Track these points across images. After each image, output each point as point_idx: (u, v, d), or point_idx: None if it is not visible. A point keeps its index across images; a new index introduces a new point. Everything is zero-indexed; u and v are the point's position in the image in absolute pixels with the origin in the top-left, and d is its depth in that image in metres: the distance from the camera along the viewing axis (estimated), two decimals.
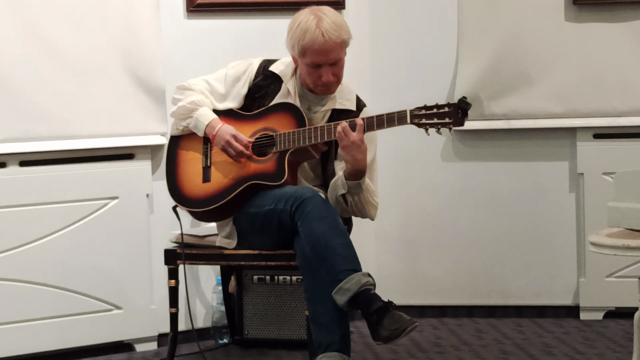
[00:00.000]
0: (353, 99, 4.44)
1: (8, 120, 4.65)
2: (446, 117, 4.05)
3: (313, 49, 4.19)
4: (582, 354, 4.65)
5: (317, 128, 4.19)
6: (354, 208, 4.28)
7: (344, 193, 4.22)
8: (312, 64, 4.23)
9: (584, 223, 5.22)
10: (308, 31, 4.18)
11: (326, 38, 4.17)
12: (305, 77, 4.33)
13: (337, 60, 4.26)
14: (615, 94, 5.17)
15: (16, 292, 4.67)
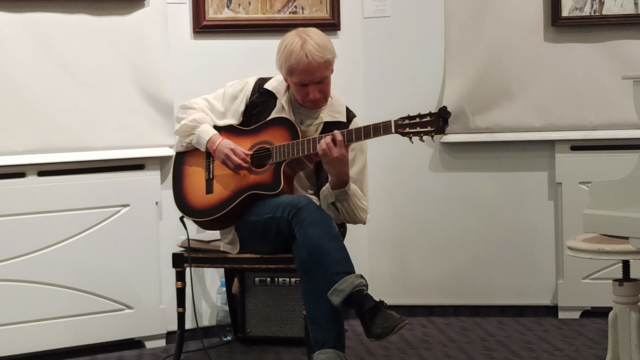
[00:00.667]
0: (343, 111, 4.46)
1: (27, 133, 4.65)
2: (428, 126, 4.06)
3: (298, 70, 4.22)
4: (560, 350, 4.65)
5: (309, 140, 4.20)
6: (344, 214, 4.30)
7: (333, 201, 4.25)
8: (299, 83, 4.26)
9: (562, 229, 5.21)
10: (293, 53, 4.20)
11: (310, 59, 4.19)
12: (295, 94, 4.35)
13: (322, 78, 4.27)
14: (591, 109, 5.16)
15: (34, 293, 4.66)
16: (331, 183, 4.23)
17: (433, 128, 4.06)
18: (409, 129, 4.09)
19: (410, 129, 4.09)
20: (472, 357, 4.60)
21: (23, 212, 4.64)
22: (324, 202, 4.31)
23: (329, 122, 4.41)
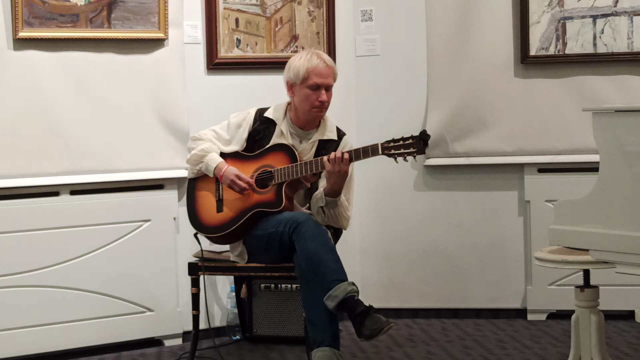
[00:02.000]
0: (334, 130, 4.48)
1: (61, 158, 4.66)
2: (411, 147, 4.06)
3: (316, 72, 4.29)
4: (529, 348, 4.65)
5: (306, 163, 4.21)
6: (329, 218, 4.31)
7: (322, 205, 4.25)
8: (314, 85, 4.30)
9: (530, 241, 5.20)
10: (312, 59, 4.31)
11: (327, 64, 4.33)
12: (302, 102, 4.35)
13: (329, 86, 4.35)
14: (556, 136, 5.17)
15: (67, 297, 4.66)
16: (326, 190, 4.22)
17: (415, 149, 4.07)
18: (394, 151, 4.09)
19: (395, 150, 4.09)
20: (451, 354, 4.58)
21: (57, 227, 4.64)
22: (314, 205, 4.32)
23: (323, 140, 4.44)
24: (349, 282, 4.00)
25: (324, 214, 4.30)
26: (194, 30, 5.01)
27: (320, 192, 4.29)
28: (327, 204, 4.25)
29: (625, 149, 2.95)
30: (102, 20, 4.71)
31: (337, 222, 4.34)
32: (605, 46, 5.10)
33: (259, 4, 5.12)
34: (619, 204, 2.94)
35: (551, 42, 5.15)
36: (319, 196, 4.28)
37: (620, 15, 5.07)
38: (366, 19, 5.39)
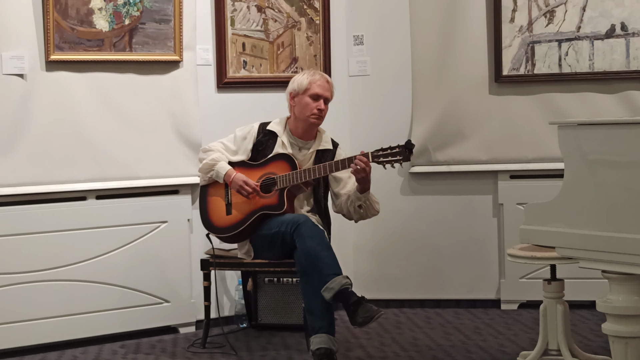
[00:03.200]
0: (329, 141, 4.53)
1: (88, 166, 4.66)
2: (397, 155, 4.10)
3: (317, 84, 4.37)
4: (503, 334, 4.65)
5: (305, 170, 4.26)
6: (366, 211, 4.38)
7: (360, 204, 4.32)
8: (314, 95, 4.36)
9: (504, 240, 5.19)
10: (315, 75, 4.41)
11: (327, 81, 4.42)
12: (302, 110, 4.40)
13: (327, 99, 4.42)
14: (526, 146, 5.16)
15: (93, 290, 4.66)
16: (359, 189, 4.28)
17: (401, 157, 4.10)
18: (382, 159, 4.12)
19: (384, 158, 4.12)
20: (434, 339, 4.58)
21: (84, 227, 4.64)
22: (351, 206, 4.37)
23: (320, 149, 4.47)
24: (344, 275, 4.02)
25: (361, 209, 4.36)
26: (206, 53, 5.02)
27: (350, 196, 4.35)
28: (363, 200, 4.31)
29: (587, 157, 2.96)
30: (124, 45, 4.71)
31: (372, 210, 4.41)
32: (569, 67, 5.11)
33: (263, 30, 5.13)
34: (581, 206, 2.95)
35: (521, 63, 5.16)
36: (352, 199, 4.34)
37: (583, 40, 5.08)
38: (358, 43, 5.40)
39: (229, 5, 5.02)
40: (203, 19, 4.99)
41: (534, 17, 5.13)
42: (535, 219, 3.11)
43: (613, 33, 5.05)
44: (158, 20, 4.77)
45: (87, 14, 4.61)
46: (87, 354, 4.48)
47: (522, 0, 5.13)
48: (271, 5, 5.14)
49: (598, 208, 2.90)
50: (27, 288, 4.50)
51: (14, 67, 4.48)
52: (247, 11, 5.08)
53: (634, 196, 2.80)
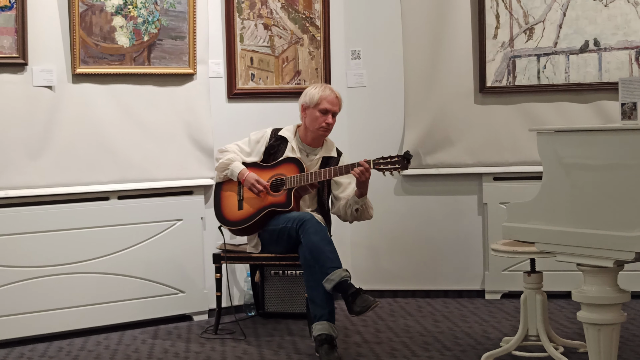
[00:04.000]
0: (334, 150, 4.54)
1: (111, 169, 4.67)
2: (397, 164, 4.10)
3: (327, 99, 4.37)
4: (487, 321, 4.65)
5: (311, 173, 4.26)
6: (361, 214, 4.40)
7: (357, 207, 4.34)
8: (324, 110, 4.36)
9: (488, 236, 5.19)
10: (325, 90, 4.40)
11: (336, 96, 4.41)
12: (312, 123, 4.41)
13: (335, 112, 4.42)
14: (508, 151, 5.16)
15: (115, 281, 4.67)
16: (357, 194, 4.30)
17: (399, 166, 4.12)
18: (382, 166, 4.14)
19: (384, 166, 4.14)
20: (424, 326, 4.59)
21: (107, 225, 4.65)
22: (349, 209, 4.39)
23: (326, 156, 4.48)
24: (343, 268, 4.03)
25: (357, 213, 4.38)
26: (217, 67, 5.02)
27: (349, 200, 4.37)
28: (360, 204, 4.33)
29: (563, 161, 2.97)
30: (143, 59, 4.72)
31: (366, 214, 4.43)
32: (547, 79, 5.12)
33: (269, 45, 5.14)
34: (558, 205, 2.96)
35: (504, 76, 5.17)
36: (351, 202, 4.36)
37: (559, 54, 5.09)
38: (355, 57, 5.41)
39: (238, 24, 5.04)
40: (215, 35, 4.99)
41: (514, 33, 5.15)
42: (517, 216, 3.11)
43: (587, 48, 5.06)
44: (174, 37, 4.79)
45: (110, 31, 4.62)
46: (109, 340, 4.48)
47: (504, 19, 5.14)
48: (276, 23, 5.15)
49: (573, 207, 2.91)
50: (55, 280, 4.50)
51: (44, 79, 4.49)
52: (255, 29, 5.09)
53: (605, 196, 2.81)
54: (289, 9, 5.18)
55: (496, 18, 5.15)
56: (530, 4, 5.11)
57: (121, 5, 4.63)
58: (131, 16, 4.66)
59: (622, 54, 5.01)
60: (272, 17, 5.13)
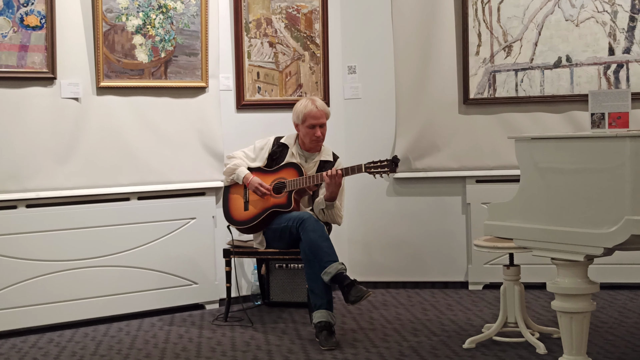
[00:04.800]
0: (331, 154, 4.52)
1: (131, 173, 4.67)
2: (386, 168, 4.11)
3: (311, 115, 4.33)
4: (470, 310, 4.65)
5: (309, 176, 4.27)
6: (328, 217, 4.35)
7: (323, 208, 4.29)
8: (310, 125, 4.33)
9: (471, 233, 5.19)
10: (308, 106, 4.34)
11: (319, 109, 4.34)
12: (304, 136, 4.39)
13: (322, 124, 4.37)
14: (489, 156, 5.16)
15: (135, 274, 4.67)
16: (325, 197, 4.27)
17: (388, 169, 4.11)
18: (373, 169, 4.14)
19: (374, 169, 4.13)
20: (414, 314, 4.59)
21: (128, 223, 4.65)
22: (316, 207, 4.34)
23: (323, 160, 4.47)
24: (340, 262, 4.03)
25: (324, 214, 4.34)
26: (227, 81, 5.02)
27: (321, 198, 4.33)
28: (326, 207, 4.30)
29: (539, 165, 2.97)
30: (160, 74, 4.73)
31: (333, 220, 4.38)
32: (524, 91, 5.12)
33: (273, 61, 5.14)
34: (534, 205, 2.96)
35: (485, 88, 5.18)
36: (320, 201, 4.31)
37: (535, 69, 5.10)
38: (351, 72, 5.41)
39: (246, 42, 5.04)
40: (225, 52, 5.00)
41: (495, 51, 5.15)
42: (497, 215, 3.12)
43: (560, 64, 5.07)
44: (188, 53, 4.79)
45: (130, 48, 4.63)
46: (130, 326, 4.48)
47: (485, 37, 5.15)
48: (280, 41, 5.15)
49: (547, 207, 2.91)
50: (81, 273, 4.50)
51: (71, 92, 4.50)
52: (261, 46, 5.10)
53: (576, 197, 2.82)
54: (291, 29, 5.18)
55: (478, 37, 5.16)
56: (509, 24, 5.12)
57: (141, 25, 4.64)
58: (150, 35, 4.67)
59: (592, 69, 5.02)
60: (277, 36, 5.14)
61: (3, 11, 4.29)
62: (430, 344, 3.96)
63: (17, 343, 4.20)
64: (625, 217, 2.66)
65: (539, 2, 5.06)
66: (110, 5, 4.53)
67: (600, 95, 3.95)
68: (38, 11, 4.37)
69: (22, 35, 4.34)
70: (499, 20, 5.13)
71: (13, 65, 4.33)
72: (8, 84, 4.34)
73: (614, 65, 4.98)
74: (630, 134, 2.69)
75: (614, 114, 4.07)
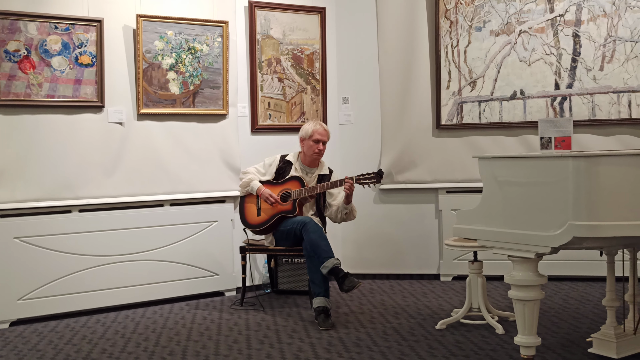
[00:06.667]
0: (327, 169, 4.52)
1: (164, 183, 4.67)
2: (372, 179, 4.10)
3: (317, 132, 4.35)
4: (442, 297, 4.64)
5: (311, 187, 4.26)
6: (348, 216, 4.36)
7: (346, 212, 4.32)
8: (316, 139, 4.34)
9: (442, 234, 5.19)
10: (315, 125, 4.37)
11: (324, 129, 4.37)
12: (307, 149, 4.39)
13: (325, 142, 4.39)
14: (457, 171, 5.15)
15: (167, 267, 4.66)
16: (345, 202, 4.27)
17: (374, 180, 4.11)
18: (362, 181, 4.13)
19: (363, 180, 4.13)
20: (395, 300, 4.58)
21: (162, 225, 4.65)
22: (339, 213, 4.36)
23: (321, 174, 4.46)
24: (335, 257, 4.02)
25: (345, 215, 4.35)
26: (244, 109, 5.02)
27: (340, 204, 4.33)
28: (349, 209, 4.31)
29: (498, 179, 2.97)
30: (189, 103, 4.73)
31: (352, 216, 4.39)
32: (486, 118, 5.12)
33: (281, 93, 5.15)
34: (494, 211, 2.96)
35: (454, 116, 5.18)
36: (341, 208, 4.33)
37: (495, 100, 5.10)
38: (345, 102, 5.42)
39: (259, 77, 5.05)
40: (242, 86, 5.00)
41: (462, 85, 5.16)
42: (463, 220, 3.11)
43: (515, 96, 5.07)
44: (212, 86, 4.80)
45: (165, 82, 4.64)
46: (163, 310, 4.47)
47: (454, 74, 5.16)
48: (287, 77, 5.16)
49: (505, 213, 2.91)
50: (123, 265, 4.51)
51: (116, 117, 4.50)
52: (272, 81, 5.11)
53: (528, 205, 2.82)
54: (296, 67, 5.19)
55: (449, 74, 5.17)
56: (474, 64, 5.13)
57: (173, 64, 4.65)
58: (181, 71, 4.68)
59: (541, 100, 5.03)
60: (284, 72, 5.15)
61: (62, 52, 4.30)
62: (409, 325, 3.95)
63: (70, 323, 4.19)
64: (568, 222, 2.66)
65: (498, 46, 5.08)
66: (149, 47, 4.55)
67: (548, 122, 3.95)
68: (90, 52, 4.38)
69: (77, 71, 4.35)
70: (465, 60, 5.14)
71: (69, 95, 4.34)
72: (65, 111, 4.35)
73: (559, 98, 4.99)
74: (572, 155, 2.70)
75: (559, 137, 4.07)
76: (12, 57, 4.17)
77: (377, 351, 3.48)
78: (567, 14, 4.93)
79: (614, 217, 2.60)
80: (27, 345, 3.76)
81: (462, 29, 5.12)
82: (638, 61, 4.83)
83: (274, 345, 3.62)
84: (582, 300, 4.41)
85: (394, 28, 5.21)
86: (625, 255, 4.29)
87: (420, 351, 3.46)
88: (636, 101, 4.85)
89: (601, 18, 4.87)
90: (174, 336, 3.85)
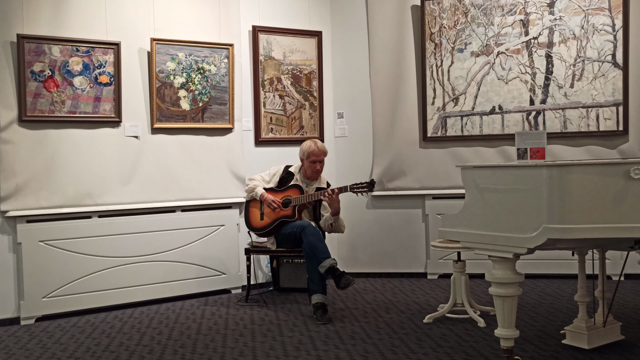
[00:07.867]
0: (325, 182, 4.49)
1: (176, 191, 4.66)
2: (365, 188, 4.09)
3: (313, 154, 4.31)
4: (429, 293, 4.63)
5: (310, 194, 4.25)
6: (335, 228, 4.33)
7: (332, 222, 4.27)
8: (312, 161, 4.31)
9: (429, 236, 5.18)
10: (311, 147, 4.31)
11: (319, 149, 4.32)
12: (307, 169, 4.36)
13: (322, 160, 4.34)
14: (442, 179, 5.14)
15: (179, 267, 4.65)
16: (332, 213, 4.24)
17: (367, 189, 4.10)
18: (356, 189, 4.12)
19: (357, 189, 4.12)
20: (386, 297, 4.57)
21: (174, 229, 4.64)
22: (326, 222, 4.32)
23: (319, 187, 4.44)
24: (332, 258, 4.01)
25: (331, 227, 4.32)
26: (248, 123, 5.03)
27: (327, 216, 4.30)
28: (333, 220, 4.28)
29: (479, 186, 2.98)
30: (199, 118, 4.74)
31: (339, 230, 4.36)
32: (467, 131, 5.13)
33: (282, 109, 5.16)
34: (475, 216, 2.96)
35: (439, 129, 5.19)
36: (327, 218, 4.30)
37: (476, 115, 5.11)
38: (340, 117, 5.43)
39: (262, 95, 5.06)
40: (246, 102, 5.01)
41: (446, 101, 5.17)
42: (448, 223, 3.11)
43: (494, 111, 5.09)
44: (219, 103, 4.81)
45: (176, 99, 4.64)
46: (175, 306, 4.46)
47: (439, 91, 5.17)
48: (287, 94, 5.17)
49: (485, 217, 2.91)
50: (138, 266, 4.49)
51: (132, 131, 4.50)
52: (273, 98, 5.12)
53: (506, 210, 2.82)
54: (296, 85, 5.20)
55: (434, 91, 5.18)
56: (456, 82, 5.14)
57: (184, 82, 4.66)
58: (191, 89, 4.69)
59: (518, 115, 5.04)
60: (285, 90, 5.16)
61: (82, 72, 4.31)
62: (399, 319, 3.95)
63: (90, 319, 4.18)
64: (543, 225, 2.66)
65: (478, 66, 5.10)
66: (161, 68, 4.55)
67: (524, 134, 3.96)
68: (108, 72, 4.39)
69: (96, 90, 4.35)
70: (449, 79, 5.16)
71: (89, 112, 4.34)
72: (85, 126, 4.35)
73: (534, 112, 5.00)
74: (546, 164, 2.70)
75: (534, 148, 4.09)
76: (37, 77, 4.18)
77: (371, 343, 3.47)
78: (541, 37, 4.96)
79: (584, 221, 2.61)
80: (52, 339, 3.76)
81: (445, 50, 5.14)
82: (605, 79, 4.85)
83: (277, 338, 3.61)
84: (556, 296, 4.40)
85: (384, 50, 5.23)
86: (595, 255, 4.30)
87: (410, 343, 3.45)
88: (603, 115, 4.87)
89: (571, 40, 4.90)
90: (185, 330, 3.83)
